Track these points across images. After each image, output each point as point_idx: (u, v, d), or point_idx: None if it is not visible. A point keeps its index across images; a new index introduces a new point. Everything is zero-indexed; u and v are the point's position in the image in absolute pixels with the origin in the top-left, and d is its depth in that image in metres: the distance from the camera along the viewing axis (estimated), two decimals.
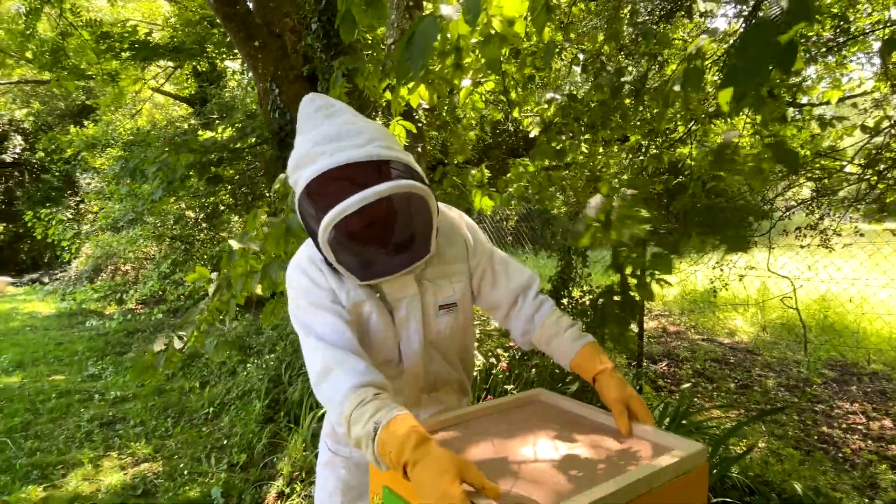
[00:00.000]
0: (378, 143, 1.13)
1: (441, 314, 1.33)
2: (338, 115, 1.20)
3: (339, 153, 1.10)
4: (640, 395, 1.24)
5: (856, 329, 6.13)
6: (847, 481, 3.23)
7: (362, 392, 1.07)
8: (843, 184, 3.53)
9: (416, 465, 0.94)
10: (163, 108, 12.05)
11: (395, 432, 0.98)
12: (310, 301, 1.22)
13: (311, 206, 1.14)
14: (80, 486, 3.21)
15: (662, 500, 1.04)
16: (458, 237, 1.38)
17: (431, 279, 1.32)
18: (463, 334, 1.41)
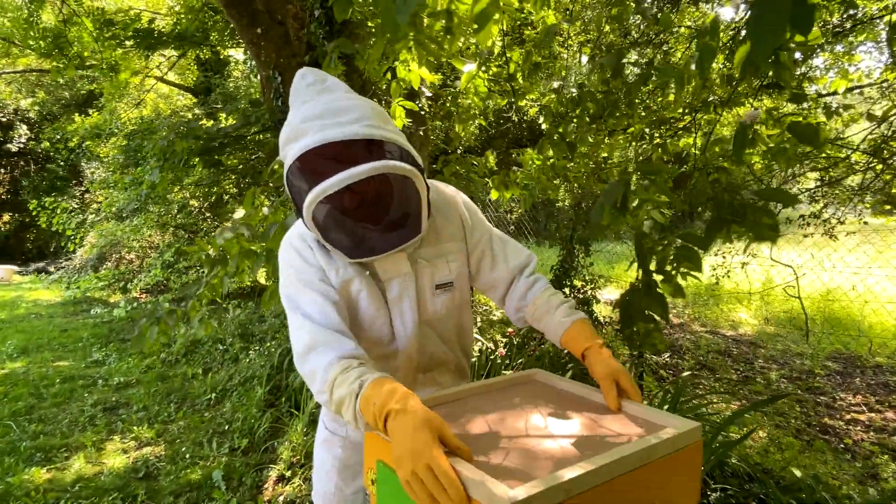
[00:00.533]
0: (367, 122, 1.12)
1: (438, 294, 1.32)
2: (329, 91, 1.19)
3: (326, 130, 1.09)
4: (627, 371, 1.24)
5: (860, 322, 6.10)
6: (848, 471, 3.22)
7: (347, 361, 1.10)
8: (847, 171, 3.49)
9: (397, 415, 0.96)
10: (167, 97, 12.04)
11: (381, 387, 1.01)
12: (299, 278, 1.22)
13: (297, 182, 1.14)
14: (83, 468, 3.24)
15: (655, 476, 1.03)
16: (455, 215, 1.37)
17: (427, 258, 1.31)
18: (459, 313, 1.40)
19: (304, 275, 1.23)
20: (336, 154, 1.09)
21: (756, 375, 4.90)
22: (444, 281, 1.33)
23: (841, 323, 6.21)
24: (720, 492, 2.57)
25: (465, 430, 1.19)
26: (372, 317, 1.27)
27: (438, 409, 1.31)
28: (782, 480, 2.74)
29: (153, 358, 5.42)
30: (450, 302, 1.35)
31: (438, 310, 1.33)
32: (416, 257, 1.30)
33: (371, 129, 1.11)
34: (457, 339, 1.44)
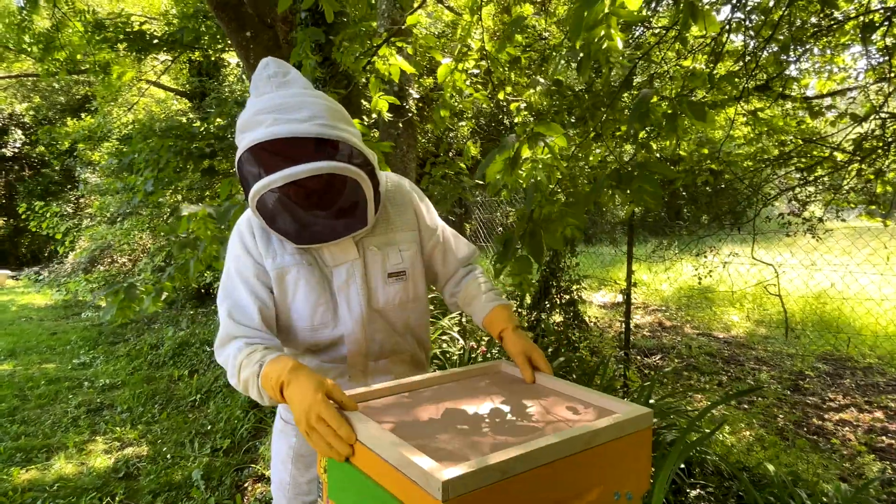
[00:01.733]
0: (318, 121, 1.14)
1: (391, 282, 1.35)
2: (288, 85, 1.21)
3: (278, 125, 1.11)
4: (539, 349, 1.33)
5: (849, 324, 6.10)
6: (834, 470, 3.21)
7: (252, 346, 1.18)
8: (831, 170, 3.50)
9: (290, 384, 1.06)
10: (162, 102, 12.07)
11: (277, 363, 1.10)
12: (236, 270, 1.28)
13: (245, 172, 1.17)
14: (64, 468, 3.22)
15: (601, 460, 1.03)
16: (409, 207, 1.41)
17: (379, 246, 1.34)
18: (415, 305, 1.42)
19: (241, 267, 1.28)
20: (283, 150, 1.12)
21: (746, 377, 4.89)
22: (396, 269, 1.36)
23: (832, 325, 6.21)
24: (700, 489, 2.56)
25: (418, 416, 1.18)
26: (313, 304, 1.29)
27: (394, 397, 1.31)
28: (763, 479, 2.73)
29: (140, 360, 5.40)
30: (403, 292, 1.37)
31: (391, 298, 1.35)
32: (366, 245, 1.33)
33: (321, 127, 1.13)
34: (411, 331, 1.45)
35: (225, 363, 1.21)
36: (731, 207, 4.75)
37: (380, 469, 0.97)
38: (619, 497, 1.06)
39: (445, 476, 0.83)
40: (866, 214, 4.00)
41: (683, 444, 2.11)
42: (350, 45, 2.13)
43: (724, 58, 3.60)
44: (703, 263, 4.82)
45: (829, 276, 5.86)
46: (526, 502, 0.92)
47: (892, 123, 3.42)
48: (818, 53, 4.29)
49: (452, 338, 3.73)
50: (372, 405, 1.26)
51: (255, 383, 1.12)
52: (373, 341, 1.36)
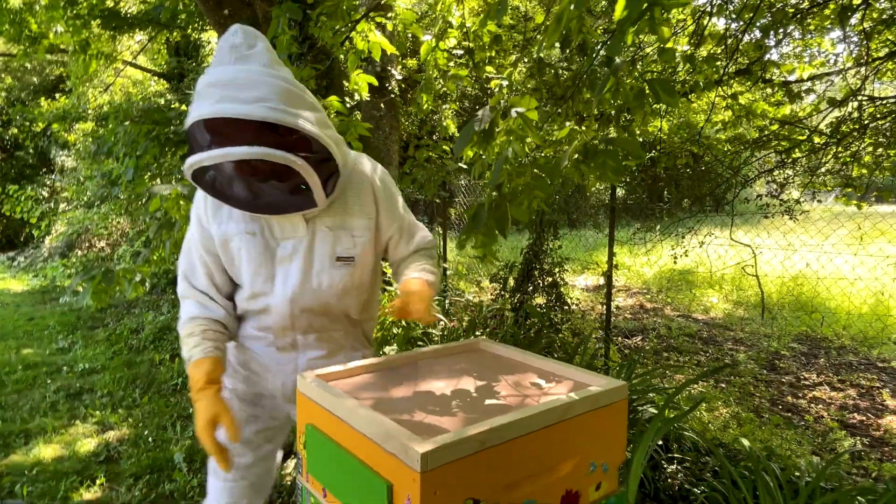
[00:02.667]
0: (268, 103, 1.11)
1: (338, 265, 1.36)
2: (248, 60, 1.17)
3: (223, 103, 1.10)
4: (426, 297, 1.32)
5: (824, 305, 6.24)
6: (807, 446, 3.30)
7: (194, 324, 1.33)
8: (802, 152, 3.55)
9: (194, 404, 1.22)
10: (139, 83, 11.79)
11: (193, 374, 1.25)
12: (190, 234, 1.37)
13: (190, 142, 1.19)
14: (42, 452, 3.19)
15: (577, 431, 1.05)
16: (369, 195, 1.40)
17: (331, 227, 1.35)
18: (357, 293, 1.44)
19: (193, 233, 1.37)
20: (223, 129, 1.12)
21: (724, 357, 4.99)
22: (345, 254, 1.36)
23: (807, 306, 6.35)
24: (677, 464, 2.62)
25: (395, 392, 1.19)
26: (253, 273, 1.34)
27: (371, 374, 1.31)
28: (738, 454, 2.80)
29: (120, 344, 5.34)
30: (348, 278, 1.38)
31: (335, 282, 1.36)
32: (318, 225, 1.34)
33: (268, 110, 1.10)
34: (347, 316, 1.46)
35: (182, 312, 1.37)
36: (710, 190, 4.80)
37: (358, 443, 0.98)
38: (595, 468, 1.08)
39: (424, 448, 0.84)
40: (843, 197, 4.08)
41: (661, 421, 2.15)
42: (328, 21, 2.09)
43: (706, 40, 3.61)
44: (680, 243, 4.88)
45: (805, 256, 5.97)
46: (503, 473, 0.94)
47: (868, 106, 3.48)
48: (798, 38, 4.33)
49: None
50: (352, 382, 1.26)
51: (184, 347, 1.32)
52: (299, 318, 1.38)
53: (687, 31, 3.63)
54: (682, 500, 2.43)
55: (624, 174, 1.38)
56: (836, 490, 2.19)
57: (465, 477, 0.88)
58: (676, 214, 5.22)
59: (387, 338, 3.47)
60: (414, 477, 0.83)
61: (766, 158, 4.34)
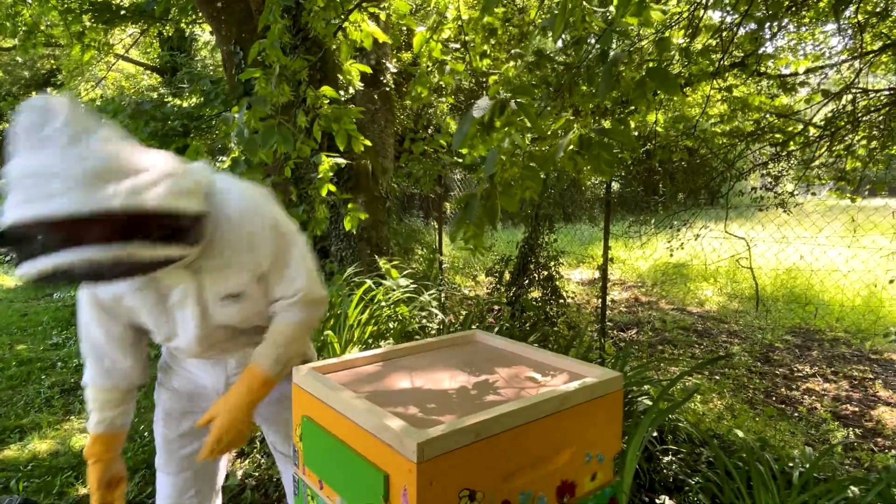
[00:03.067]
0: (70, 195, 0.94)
1: (227, 303, 1.30)
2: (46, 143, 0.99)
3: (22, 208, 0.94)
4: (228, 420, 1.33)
5: (818, 297, 6.28)
6: (800, 437, 3.32)
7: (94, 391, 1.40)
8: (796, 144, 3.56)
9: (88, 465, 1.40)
10: (132, 77, 11.71)
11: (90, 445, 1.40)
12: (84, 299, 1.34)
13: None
14: (37, 448, 3.18)
15: (573, 421, 1.05)
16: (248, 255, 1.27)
17: (210, 271, 1.26)
18: (258, 317, 1.39)
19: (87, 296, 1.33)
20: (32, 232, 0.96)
21: (718, 349, 5.01)
22: (233, 291, 1.29)
23: (801, 298, 6.39)
24: (672, 455, 2.64)
25: (392, 384, 1.19)
26: (154, 322, 1.33)
27: (369, 367, 1.31)
28: (732, 445, 2.82)
29: None
30: (242, 311, 1.34)
31: (231, 315, 1.34)
32: (199, 267, 1.25)
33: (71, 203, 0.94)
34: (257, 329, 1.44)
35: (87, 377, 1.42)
36: (705, 183, 4.82)
37: (355, 435, 0.98)
38: (591, 458, 1.09)
39: (420, 438, 0.84)
40: (836, 191, 4.09)
41: (656, 412, 2.16)
42: (321, 11, 2.08)
43: (701, 32, 3.61)
44: (675, 236, 4.90)
45: (798, 249, 6.00)
46: (499, 463, 0.94)
47: (862, 99, 3.48)
48: (793, 30, 4.33)
49: (431, 312, 3.75)
50: (347, 374, 1.26)
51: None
52: (213, 348, 1.42)
53: (682, 24, 3.62)
54: (676, 490, 2.44)
55: (618, 167, 1.36)
56: (828, 480, 2.21)
57: (461, 467, 0.89)
58: (671, 208, 5.23)
59: (383, 332, 3.47)
60: (410, 468, 0.84)
61: (761, 151, 4.35)
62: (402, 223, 8.80)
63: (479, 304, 3.76)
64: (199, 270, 1.26)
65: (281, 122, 2.01)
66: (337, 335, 3.20)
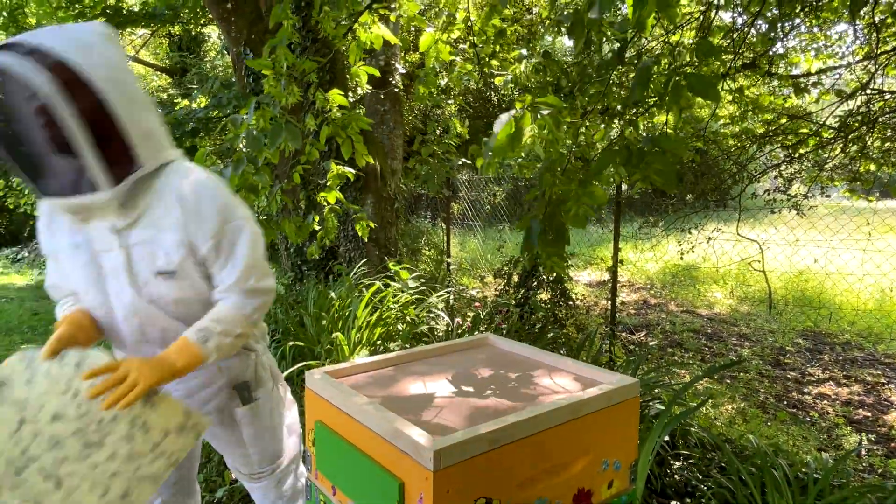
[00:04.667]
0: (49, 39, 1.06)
1: (160, 280, 1.24)
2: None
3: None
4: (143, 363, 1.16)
5: (830, 300, 6.22)
6: (812, 442, 3.29)
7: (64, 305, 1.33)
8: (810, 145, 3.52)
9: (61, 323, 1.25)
10: (142, 78, 11.78)
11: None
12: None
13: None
14: None
15: (589, 428, 1.04)
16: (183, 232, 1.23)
17: (142, 241, 1.23)
18: (198, 301, 1.30)
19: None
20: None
21: (728, 353, 4.97)
22: (165, 269, 1.24)
23: (813, 301, 6.33)
24: (684, 460, 2.62)
25: (405, 389, 1.18)
26: (84, 287, 1.26)
27: (384, 372, 1.30)
28: (744, 450, 2.79)
29: None
30: (178, 290, 1.27)
31: (165, 294, 1.25)
32: (129, 239, 1.22)
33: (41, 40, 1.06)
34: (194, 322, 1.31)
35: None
36: (716, 185, 4.78)
37: (369, 441, 0.97)
38: (608, 466, 1.08)
39: (437, 446, 0.83)
40: (849, 192, 4.05)
41: (668, 417, 2.14)
42: (331, 11, 2.08)
43: (714, 32, 3.58)
44: (686, 239, 4.86)
45: (812, 252, 5.94)
46: (516, 471, 0.93)
47: (877, 101, 3.44)
48: (805, 31, 4.28)
49: (439, 315, 3.74)
50: (360, 379, 1.25)
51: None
52: (151, 327, 1.28)
53: (693, 25, 3.60)
54: (688, 496, 2.42)
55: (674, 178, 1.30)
56: (843, 487, 2.18)
57: (478, 475, 0.88)
58: (682, 210, 5.20)
59: (392, 334, 3.46)
60: (426, 475, 0.83)
61: (773, 153, 4.31)
62: (408, 224, 8.80)
63: (488, 306, 3.75)
64: (127, 244, 1.22)
65: (289, 119, 2.01)
66: (346, 336, 3.20)
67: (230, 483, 2.79)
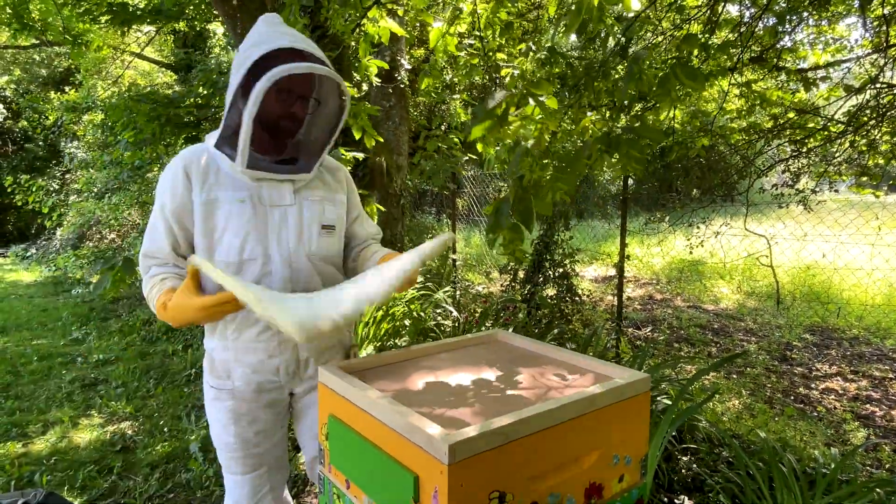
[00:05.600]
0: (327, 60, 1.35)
1: (324, 233, 1.46)
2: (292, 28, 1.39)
3: (297, 44, 1.30)
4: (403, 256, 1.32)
5: (838, 295, 6.20)
6: (820, 437, 3.28)
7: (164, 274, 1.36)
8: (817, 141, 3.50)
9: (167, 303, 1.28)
10: (147, 75, 11.80)
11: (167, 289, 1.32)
12: (160, 204, 1.38)
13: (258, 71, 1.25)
14: (60, 442, 3.23)
15: (600, 423, 1.04)
16: (342, 176, 1.58)
17: (317, 199, 1.47)
18: (337, 260, 1.55)
19: (164, 202, 1.36)
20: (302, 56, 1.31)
21: (735, 348, 4.96)
22: (330, 223, 1.48)
23: (821, 296, 6.30)
24: (691, 455, 2.62)
25: (416, 384, 1.19)
26: (243, 238, 1.36)
27: (394, 366, 1.31)
28: (752, 445, 2.79)
29: (133, 335, 5.39)
30: (331, 245, 1.49)
31: (322, 248, 1.46)
32: (304, 195, 1.44)
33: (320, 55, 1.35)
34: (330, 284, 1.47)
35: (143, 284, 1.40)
36: (723, 180, 4.76)
37: (382, 435, 0.98)
38: (619, 460, 1.08)
39: (451, 440, 0.84)
40: (857, 187, 4.02)
41: (675, 412, 2.15)
42: (340, 9, 2.08)
43: (721, 26, 3.56)
44: (694, 234, 4.85)
45: (820, 247, 5.91)
46: (528, 465, 0.94)
47: (887, 95, 3.42)
48: (814, 24, 4.25)
49: (446, 310, 3.75)
50: (371, 373, 1.26)
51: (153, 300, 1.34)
52: (298, 283, 1.41)
53: (701, 18, 3.58)
54: (696, 490, 2.43)
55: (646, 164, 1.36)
56: (850, 482, 2.18)
57: (491, 469, 0.88)
58: (689, 205, 5.18)
59: (398, 329, 3.48)
60: (441, 469, 0.83)
61: (781, 148, 4.29)
62: (414, 220, 8.80)
63: (494, 302, 3.75)
64: (301, 199, 1.43)
65: None
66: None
67: None
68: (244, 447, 1.46)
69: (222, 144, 1.37)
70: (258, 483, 1.50)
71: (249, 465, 1.48)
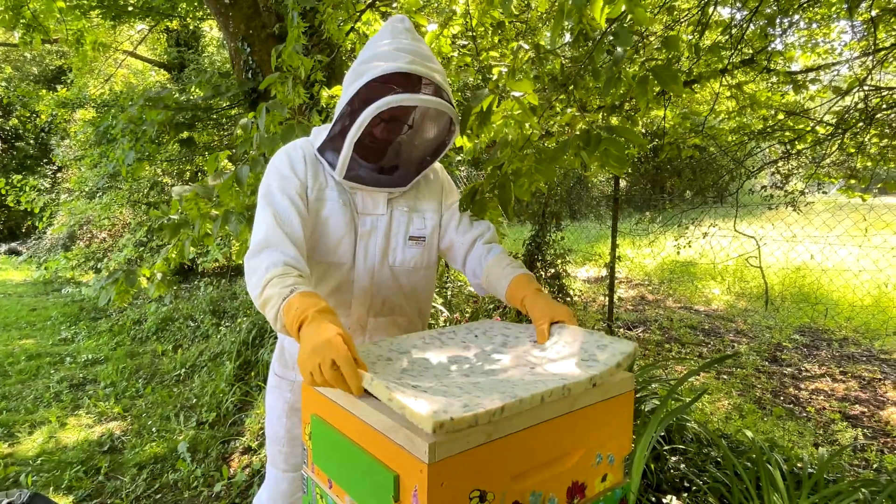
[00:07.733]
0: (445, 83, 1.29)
1: (410, 245, 1.43)
2: (421, 42, 1.34)
3: (415, 65, 1.24)
4: (568, 310, 1.28)
5: (827, 296, 6.24)
6: (808, 437, 3.30)
7: (289, 268, 1.18)
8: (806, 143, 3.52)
9: (311, 322, 1.03)
10: (140, 73, 11.73)
11: (307, 298, 1.09)
12: (279, 183, 1.31)
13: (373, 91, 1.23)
14: (47, 442, 3.20)
15: (584, 422, 1.04)
16: (438, 182, 1.53)
17: (407, 209, 1.44)
18: (426, 272, 1.49)
19: (284, 182, 1.31)
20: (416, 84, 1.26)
21: (726, 348, 4.99)
22: (418, 234, 1.44)
23: (810, 297, 6.34)
24: (680, 455, 2.63)
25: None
26: (336, 242, 1.36)
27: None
28: (740, 445, 2.80)
29: (123, 335, 5.35)
30: (419, 257, 1.45)
31: (407, 260, 1.43)
32: (396, 205, 1.42)
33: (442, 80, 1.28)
34: (416, 296, 1.48)
35: (253, 270, 1.20)
36: (714, 181, 4.78)
37: (364, 434, 0.98)
38: (602, 459, 1.08)
39: (431, 439, 0.83)
40: (846, 189, 4.05)
41: (664, 412, 2.15)
42: (334, 13, 2.08)
43: (712, 27, 3.58)
44: (683, 234, 4.87)
45: (808, 248, 5.95)
46: (510, 464, 0.93)
47: (875, 97, 3.45)
48: (804, 27, 4.28)
49: (437, 310, 3.75)
50: None
51: (277, 305, 1.12)
52: (378, 294, 1.41)
53: (691, 20, 3.59)
54: (684, 490, 2.43)
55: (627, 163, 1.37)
56: (838, 481, 2.19)
57: (472, 468, 0.88)
58: (680, 206, 5.20)
59: None
60: (421, 468, 0.83)
61: (771, 149, 4.31)
62: None
63: (485, 301, 3.76)
64: (392, 209, 1.41)
65: (300, 120, 2.04)
66: None
67: (227, 478, 2.81)
68: (291, 443, 1.46)
69: (326, 149, 1.35)
70: (297, 485, 1.49)
71: (292, 464, 1.48)
